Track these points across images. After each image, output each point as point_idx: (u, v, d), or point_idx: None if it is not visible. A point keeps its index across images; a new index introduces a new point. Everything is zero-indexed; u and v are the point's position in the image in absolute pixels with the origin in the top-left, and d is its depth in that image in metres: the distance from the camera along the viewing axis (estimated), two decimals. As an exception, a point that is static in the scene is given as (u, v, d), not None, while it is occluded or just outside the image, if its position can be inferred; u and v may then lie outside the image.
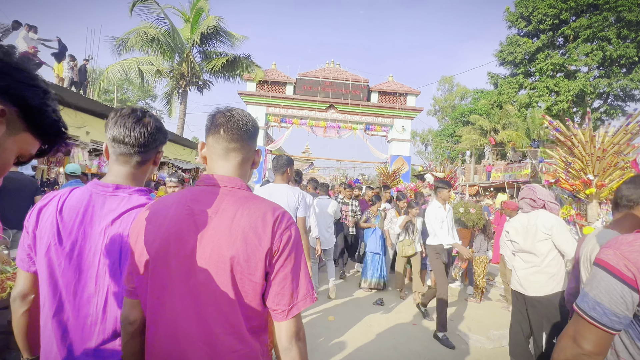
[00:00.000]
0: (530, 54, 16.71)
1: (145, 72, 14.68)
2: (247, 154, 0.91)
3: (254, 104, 15.43)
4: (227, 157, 0.89)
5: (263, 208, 0.83)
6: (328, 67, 16.23)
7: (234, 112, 0.91)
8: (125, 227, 0.93)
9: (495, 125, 28.53)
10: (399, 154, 15.87)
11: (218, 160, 0.89)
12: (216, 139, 0.88)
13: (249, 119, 0.92)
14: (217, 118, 0.89)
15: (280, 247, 0.80)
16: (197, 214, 0.82)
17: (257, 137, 0.97)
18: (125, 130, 0.95)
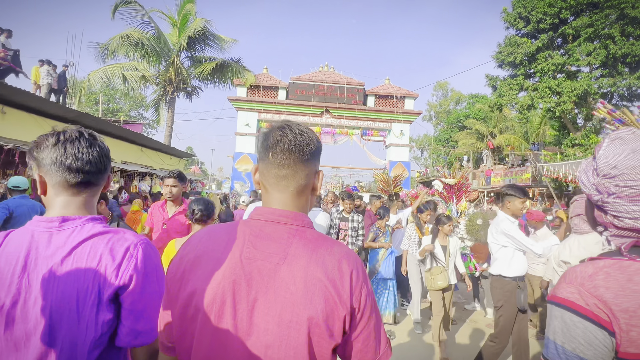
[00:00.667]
0: (530, 54, 16.20)
1: (129, 78, 13.94)
2: (303, 180, 0.77)
3: (245, 110, 14.71)
4: (279, 186, 0.76)
5: (337, 254, 0.72)
6: (322, 71, 15.59)
7: (287, 130, 0.76)
8: (81, 263, 0.80)
9: (492, 130, 28.18)
10: (398, 159, 15.16)
11: (271, 191, 0.77)
12: (265, 164, 0.77)
13: (305, 137, 0.76)
14: (268, 138, 0.77)
15: (360, 305, 0.71)
16: (261, 259, 0.70)
17: (319, 156, 0.80)
18: (77, 154, 0.85)
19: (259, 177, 0.79)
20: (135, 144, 10.81)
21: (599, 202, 0.78)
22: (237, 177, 14.56)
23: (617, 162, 0.74)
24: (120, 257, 0.81)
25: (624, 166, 0.73)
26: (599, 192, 0.77)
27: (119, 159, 9.79)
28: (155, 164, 12.34)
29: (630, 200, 0.72)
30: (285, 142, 0.75)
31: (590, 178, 0.80)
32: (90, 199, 0.91)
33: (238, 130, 14.72)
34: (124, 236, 0.85)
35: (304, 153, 0.76)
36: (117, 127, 8.89)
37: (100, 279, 0.79)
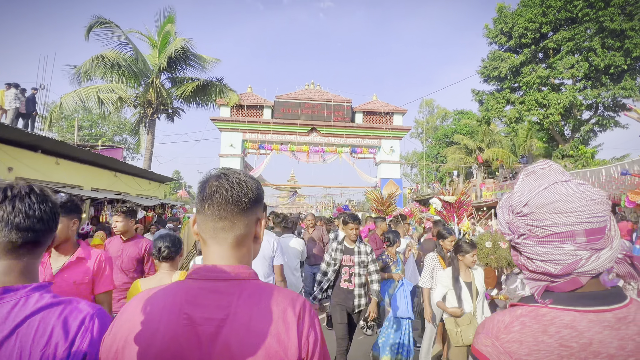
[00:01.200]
0: (514, 68, 16.31)
1: (105, 101, 13.25)
2: (243, 231, 0.73)
3: (229, 130, 14.11)
4: (217, 238, 0.73)
5: (281, 304, 0.70)
6: (308, 89, 15.25)
7: (223, 180, 0.73)
8: (26, 344, 0.70)
9: (479, 144, 28.45)
10: (389, 176, 14.66)
11: (210, 243, 0.73)
12: (203, 217, 0.73)
13: (243, 186, 0.73)
14: (204, 189, 0.73)
15: (309, 354, 0.69)
16: (200, 323, 0.66)
17: (260, 204, 0.77)
18: (28, 211, 0.78)
19: (197, 229, 0.76)
20: (108, 169, 10.00)
21: (512, 242, 0.75)
22: (221, 201, 13.76)
23: (529, 200, 0.71)
24: (73, 333, 0.73)
25: (534, 204, 0.70)
26: (511, 232, 0.74)
27: (88, 185, 8.95)
28: (131, 190, 11.48)
29: (540, 241, 0.69)
30: (222, 192, 0.72)
31: (505, 215, 0.77)
32: (34, 262, 0.82)
33: (222, 151, 14.06)
34: (77, 307, 0.77)
35: (242, 203, 0.73)
36: (85, 151, 8.12)
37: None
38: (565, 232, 0.66)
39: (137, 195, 11.78)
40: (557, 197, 0.68)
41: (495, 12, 17.48)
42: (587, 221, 0.66)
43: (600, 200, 0.68)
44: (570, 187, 0.70)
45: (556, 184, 0.71)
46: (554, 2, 15.30)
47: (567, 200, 0.68)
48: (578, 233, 0.66)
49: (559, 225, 0.67)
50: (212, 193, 0.71)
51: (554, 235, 0.67)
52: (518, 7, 16.89)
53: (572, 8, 15.10)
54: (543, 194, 0.70)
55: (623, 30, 13.32)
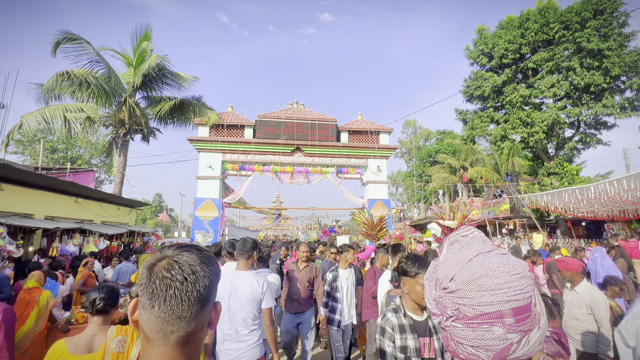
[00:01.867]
0: (497, 87, 16.44)
1: (71, 120, 12.29)
2: (197, 326, 0.64)
3: (208, 151, 13.31)
4: (168, 340, 0.62)
5: None
6: (291, 108, 14.75)
7: (176, 270, 0.62)
8: None
9: (463, 163, 28.69)
10: (377, 197, 14.06)
11: (154, 343, 0.62)
12: (148, 314, 0.61)
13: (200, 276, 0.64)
14: (153, 281, 0.62)
15: None
16: None
17: (215, 289, 0.68)
18: None
19: (140, 322, 0.63)
20: (67, 194, 8.95)
21: (440, 324, 0.69)
22: (198, 227, 12.73)
23: (455, 274, 0.67)
24: None
25: (460, 279, 0.65)
26: (439, 312, 0.68)
27: (40, 213, 7.88)
28: (96, 217, 10.37)
29: (469, 323, 0.64)
30: (175, 290, 0.61)
31: (432, 291, 0.71)
32: None
33: (200, 173, 13.18)
34: None
35: (199, 298, 0.63)
36: (35, 174, 7.13)
37: None
38: (493, 312, 0.62)
39: (102, 222, 10.67)
40: (482, 271, 0.65)
41: (475, 33, 17.83)
42: (513, 299, 0.63)
43: (523, 274, 0.65)
44: (493, 259, 0.67)
45: (480, 255, 0.68)
46: (531, 25, 15.67)
47: (492, 275, 0.64)
48: (506, 313, 0.62)
49: (486, 304, 0.62)
50: (164, 289, 0.61)
51: (483, 317, 0.63)
52: (497, 29, 17.27)
53: (548, 30, 15.49)
54: (468, 267, 0.66)
55: (600, 50, 13.61)
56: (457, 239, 0.75)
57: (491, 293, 0.65)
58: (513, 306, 0.64)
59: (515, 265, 0.68)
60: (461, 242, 0.74)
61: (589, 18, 14.15)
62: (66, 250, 7.18)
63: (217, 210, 12.88)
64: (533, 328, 0.66)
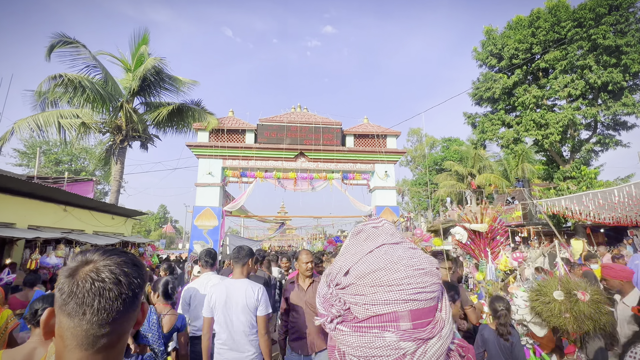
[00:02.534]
0: (507, 89, 15.81)
1: (65, 126, 11.84)
2: (128, 327, 0.65)
3: (208, 157, 12.74)
4: (96, 344, 0.60)
5: None
6: (294, 112, 14.21)
7: (106, 274, 0.62)
8: None
9: (470, 170, 28.10)
10: (385, 204, 13.33)
11: (77, 350, 0.60)
12: (78, 322, 0.60)
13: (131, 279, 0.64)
14: (80, 285, 0.60)
15: None
16: None
17: (143, 289, 0.68)
18: None
19: (57, 328, 0.61)
20: (54, 202, 8.37)
21: (325, 328, 0.60)
22: (197, 236, 12.07)
23: (350, 266, 0.59)
24: None
25: (355, 273, 0.58)
26: (325, 312, 0.60)
27: (23, 223, 7.29)
28: (87, 227, 9.77)
29: (357, 327, 0.55)
30: (105, 291, 0.61)
31: (324, 287, 0.62)
32: None
33: (199, 180, 12.59)
34: None
35: (131, 299, 0.63)
36: (16, 180, 6.55)
37: None
38: (388, 313, 0.53)
39: (95, 232, 10.06)
40: (380, 263, 0.56)
41: (483, 34, 17.31)
42: (413, 298, 0.54)
43: (429, 271, 0.57)
44: (397, 251, 0.59)
45: (383, 246, 0.60)
46: (542, 23, 15.11)
47: (392, 268, 0.56)
48: (402, 316, 0.53)
49: (380, 302, 0.53)
50: (96, 294, 0.60)
51: (375, 319, 0.54)
52: (505, 30, 16.74)
53: (559, 29, 14.91)
54: (367, 259, 0.58)
55: (618, 46, 12.96)
56: (363, 229, 0.65)
57: (387, 289, 0.55)
58: (412, 307, 0.54)
59: (421, 260, 0.59)
60: (367, 233, 0.65)
61: (604, 14, 13.55)
62: (47, 262, 6.53)
63: (217, 219, 12.22)
64: (433, 336, 0.55)
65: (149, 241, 11.67)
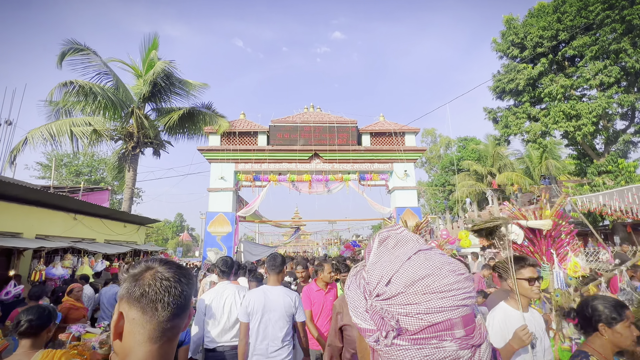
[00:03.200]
0: (532, 79, 14.86)
1: (77, 135, 11.71)
2: (182, 326, 0.75)
3: (219, 161, 12.36)
4: (162, 337, 0.70)
5: None
6: (307, 112, 13.72)
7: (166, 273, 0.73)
8: None
9: (490, 169, 26.96)
10: (406, 205, 12.58)
11: (147, 343, 0.69)
12: (146, 316, 0.70)
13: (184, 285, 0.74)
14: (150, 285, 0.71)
15: None
16: None
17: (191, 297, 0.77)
18: None
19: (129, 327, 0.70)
20: (64, 211, 8.09)
21: (375, 345, 0.54)
22: (210, 243, 11.64)
23: (393, 274, 0.55)
24: None
25: (401, 281, 0.53)
26: (377, 327, 0.54)
27: (31, 232, 6.99)
28: (98, 235, 9.48)
29: (415, 340, 0.51)
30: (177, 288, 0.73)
31: (360, 299, 0.57)
32: None
33: (211, 185, 12.21)
34: None
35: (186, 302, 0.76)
36: (22, 187, 6.25)
37: None
38: (443, 321, 0.50)
39: (105, 241, 9.76)
40: (426, 270, 0.53)
41: (503, 24, 16.44)
42: (463, 304, 0.51)
43: (467, 275, 0.55)
44: (435, 256, 0.56)
45: (420, 252, 0.57)
46: (568, 8, 14.16)
47: (439, 274, 0.53)
48: (456, 323, 0.50)
49: (435, 311, 0.50)
50: (166, 292, 0.71)
51: (430, 329, 0.50)
52: (527, 18, 15.82)
53: (587, 14, 13.91)
54: (409, 265, 0.54)
55: (657, 26, 11.89)
56: (389, 234, 0.60)
57: (440, 296, 0.51)
58: (463, 313, 0.51)
59: (458, 265, 0.56)
60: (396, 239, 0.60)
61: (638, -6, 12.52)
62: (52, 273, 6.17)
63: (231, 225, 11.78)
64: (483, 342, 0.53)
65: (161, 249, 11.32)
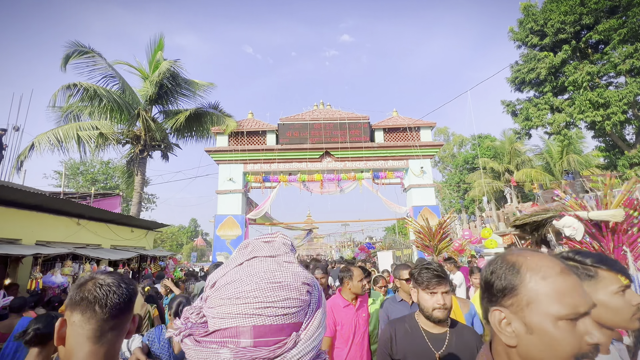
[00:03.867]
0: (554, 68, 14.00)
1: (84, 138, 11.51)
2: (124, 328, 0.83)
3: (227, 162, 11.97)
4: (102, 337, 0.77)
5: None
6: (317, 109, 13.23)
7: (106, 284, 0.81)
8: None
9: (507, 166, 26.00)
10: (423, 203, 11.91)
11: (87, 343, 0.76)
12: (86, 316, 0.77)
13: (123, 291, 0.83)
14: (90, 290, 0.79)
15: None
16: None
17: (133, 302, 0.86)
18: None
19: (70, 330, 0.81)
20: (65, 215, 7.79)
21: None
22: (220, 247, 11.23)
23: (218, 278, 0.56)
24: None
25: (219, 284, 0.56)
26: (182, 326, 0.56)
27: (30, 239, 6.69)
28: (104, 241, 9.17)
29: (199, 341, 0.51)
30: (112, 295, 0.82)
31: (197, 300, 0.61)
32: None
33: (220, 187, 11.82)
34: None
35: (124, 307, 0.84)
36: (20, 191, 5.93)
37: None
38: (231, 327, 0.50)
39: (112, 247, 9.45)
40: (239, 275, 0.53)
41: (520, 12, 15.61)
42: (258, 313, 0.50)
43: (286, 284, 0.52)
44: (263, 264, 0.55)
45: (255, 259, 0.56)
46: (591, -10, 13.28)
47: (244, 281, 0.52)
48: (244, 331, 0.49)
49: (224, 316, 0.50)
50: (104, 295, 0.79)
51: (219, 333, 0.50)
52: (546, 3, 14.97)
53: (613, -4, 13.01)
54: (233, 270, 0.55)
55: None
56: (250, 242, 0.60)
57: (233, 302, 0.51)
58: (256, 323, 0.49)
59: (284, 273, 0.54)
60: (252, 246, 0.59)
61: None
62: (51, 281, 5.81)
63: (240, 228, 11.35)
64: (274, 357, 0.49)
65: (170, 254, 10.96)
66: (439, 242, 6.24)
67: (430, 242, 6.28)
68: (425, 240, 6.33)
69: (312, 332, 0.53)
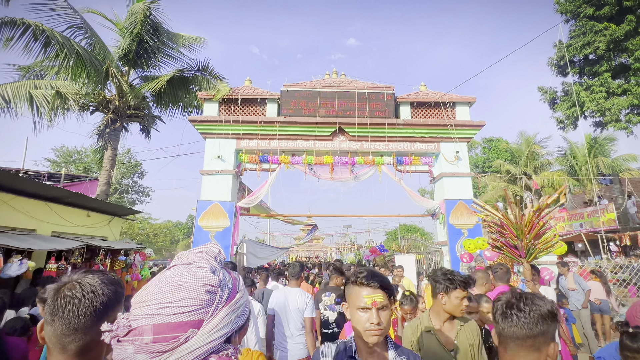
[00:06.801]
0: (615, 42, 11.65)
1: (37, 98, 9.15)
2: (97, 337, 0.69)
3: (217, 137, 9.57)
4: (66, 349, 0.74)
5: None
6: (329, 78, 10.86)
7: (76, 289, 0.75)
8: None
9: (524, 169, 24.46)
10: (457, 197, 9.50)
11: (55, 353, 0.75)
12: (51, 329, 0.75)
13: (98, 295, 0.76)
14: (55, 299, 0.75)
15: None
16: None
17: (115, 305, 0.80)
18: None
19: (45, 335, 0.78)
20: None
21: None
22: (201, 241, 8.81)
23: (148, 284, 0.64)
24: None
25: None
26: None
27: None
28: (42, 225, 6.77)
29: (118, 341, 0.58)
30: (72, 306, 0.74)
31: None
32: None
33: (205, 166, 9.42)
34: None
35: (97, 313, 0.75)
36: None
37: None
38: (137, 328, 0.56)
39: (53, 233, 7.04)
40: (152, 281, 0.61)
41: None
42: (157, 313, 0.56)
43: (185, 286, 0.58)
44: (176, 270, 0.62)
45: (175, 267, 0.63)
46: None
47: (152, 285, 0.60)
48: (146, 330, 0.56)
49: (136, 317, 0.57)
50: (63, 305, 0.73)
51: (130, 333, 0.57)
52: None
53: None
54: (156, 277, 0.63)
55: None
56: (182, 254, 0.66)
57: (139, 305, 0.58)
58: (156, 322, 0.56)
59: (188, 277, 0.59)
60: (183, 255, 0.65)
61: None
62: None
63: (229, 218, 8.94)
64: (167, 350, 0.55)
65: (136, 247, 8.53)
66: (534, 237, 3.84)
67: (519, 240, 3.87)
68: (511, 236, 3.92)
69: (210, 328, 0.57)
